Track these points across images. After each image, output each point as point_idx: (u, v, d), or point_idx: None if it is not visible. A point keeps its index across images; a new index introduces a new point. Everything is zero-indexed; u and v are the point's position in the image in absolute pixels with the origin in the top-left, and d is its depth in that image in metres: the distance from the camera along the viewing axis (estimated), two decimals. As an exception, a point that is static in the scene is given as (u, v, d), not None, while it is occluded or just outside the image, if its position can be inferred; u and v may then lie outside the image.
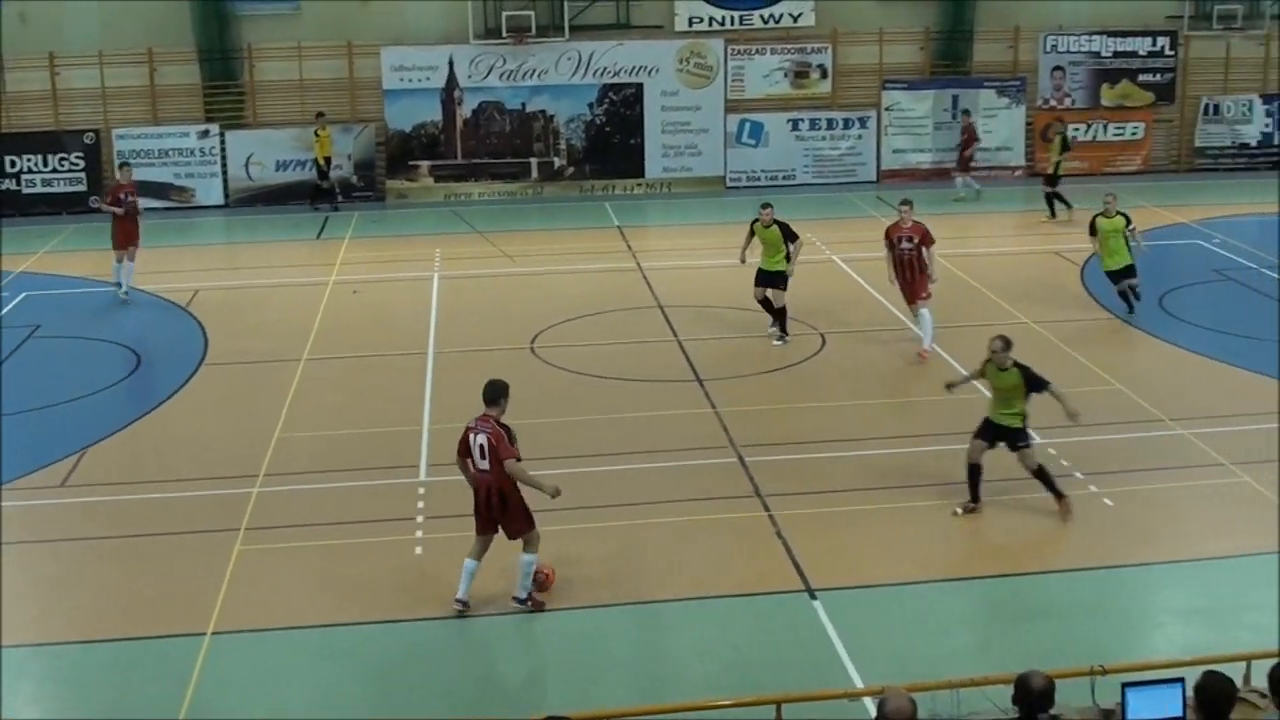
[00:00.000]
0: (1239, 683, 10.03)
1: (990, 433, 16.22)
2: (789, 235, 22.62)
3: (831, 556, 15.21)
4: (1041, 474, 16.12)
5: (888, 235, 22.16)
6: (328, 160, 33.96)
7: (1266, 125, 37.54)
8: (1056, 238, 29.80)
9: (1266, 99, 37.46)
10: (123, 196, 26.22)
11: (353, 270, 28.13)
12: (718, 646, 13.44)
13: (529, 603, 14.03)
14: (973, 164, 35.02)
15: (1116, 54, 36.81)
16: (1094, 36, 36.70)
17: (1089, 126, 36.87)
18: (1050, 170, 32.33)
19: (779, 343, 22.63)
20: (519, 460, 13.68)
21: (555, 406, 19.19)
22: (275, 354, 22.61)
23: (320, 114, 33.98)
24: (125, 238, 26.10)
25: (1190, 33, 36.89)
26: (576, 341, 22.74)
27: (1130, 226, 23.87)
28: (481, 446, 13.74)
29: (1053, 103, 36.75)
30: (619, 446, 16.11)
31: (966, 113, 35.65)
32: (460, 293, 26.34)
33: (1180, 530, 16.00)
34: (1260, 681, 9.81)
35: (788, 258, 22.55)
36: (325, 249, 30.29)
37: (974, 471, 16.28)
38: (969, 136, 35.01)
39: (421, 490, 17.07)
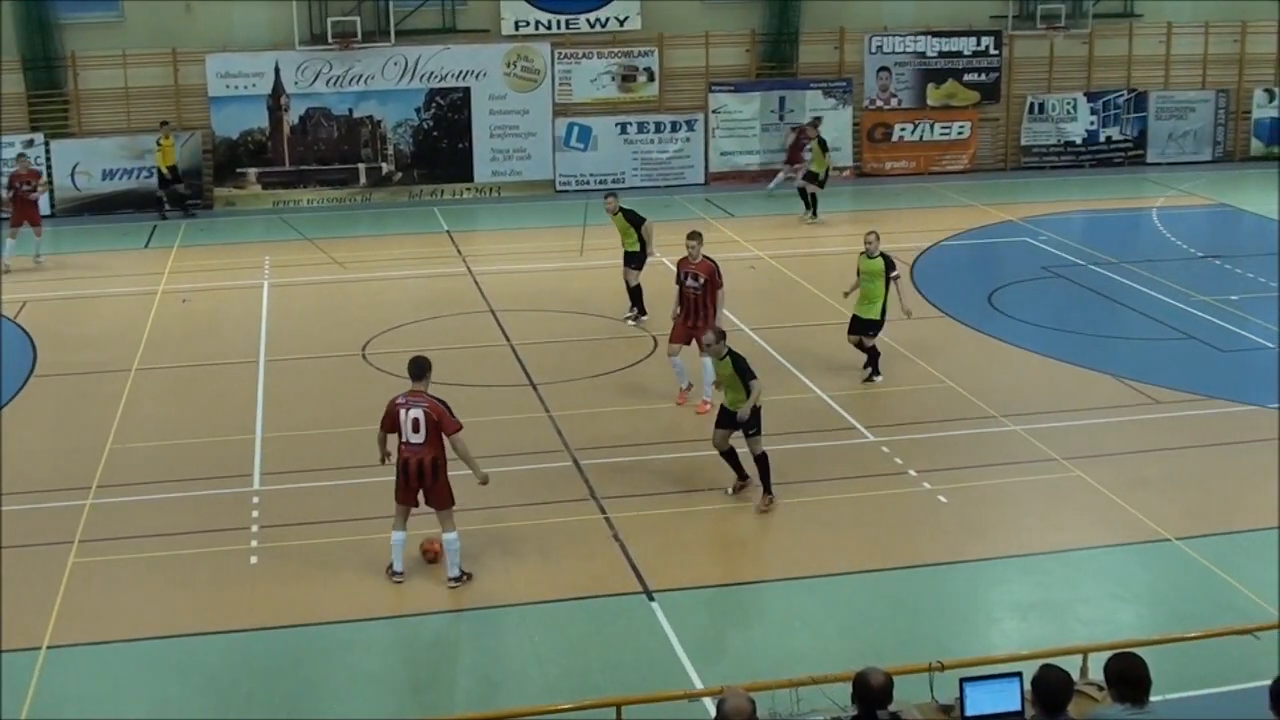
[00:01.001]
0: (1075, 675, 10.09)
1: (727, 420, 16.37)
2: (635, 221, 23.50)
3: (669, 557, 15.12)
4: (762, 462, 16.29)
5: (677, 268, 20.23)
6: (172, 169, 33.13)
7: (1091, 123, 38.32)
8: (888, 238, 29.91)
9: (1090, 97, 38.26)
10: (18, 185, 28.64)
11: (182, 279, 27.45)
12: (556, 651, 13.28)
13: (464, 578, 14.47)
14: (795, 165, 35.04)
15: (942, 54, 37.31)
16: (919, 37, 37.16)
17: (915, 126, 37.32)
18: (818, 173, 31.90)
19: (634, 324, 23.50)
20: (460, 432, 14.28)
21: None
22: (105, 365, 22.04)
23: (164, 122, 33.15)
24: (18, 218, 28.65)
25: (1014, 32, 37.54)
26: (409, 347, 21.93)
27: (893, 273, 20.66)
28: (416, 420, 14.16)
29: (879, 103, 37.12)
30: (452, 452, 15.70)
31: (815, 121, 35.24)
32: (291, 300, 25.81)
33: (1014, 525, 16.16)
34: (1096, 673, 9.88)
35: (640, 241, 23.48)
36: (154, 258, 29.51)
37: (728, 456, 16.59)
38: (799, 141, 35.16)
39: (255, 499, 16.73)
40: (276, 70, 34.06)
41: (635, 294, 23.87)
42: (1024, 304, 25.31)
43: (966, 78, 37.60)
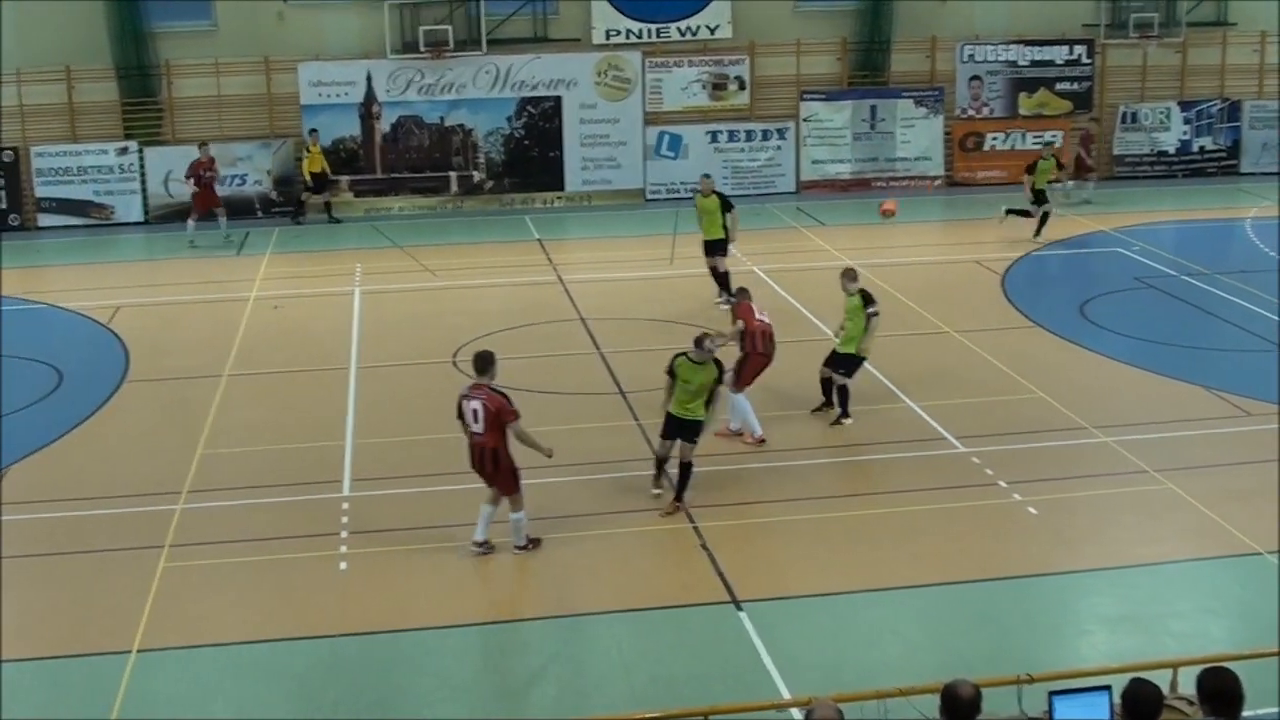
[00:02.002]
0: (1165, 690, 10.01)
1: (673, 428, 16.60)
2: (726, 205, 24.92)
3: (757, 567, 15.15)
4: (685, 471, 16.42)
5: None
6: (316, 176, 33.70)
7: (1184, 133, 37.95)
8: (979, 247, 29.89)
9: (1184, 106, 37.89)
10: (201, 173, 31.34)
11: (274, 286, 27.84)
12: (643, 660, 13.31)
13: (528, 546, 15.43)
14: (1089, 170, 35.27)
15: (1034, 63, 37.10)
16: (1011, 46, 36.97)
17: (1008, 135, 37.10)
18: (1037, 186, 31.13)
19: (725, 306, 23.60)
20: (518, 420, 15.03)
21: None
22: (197, 370, 22.33)
23: (313, 130, 33.73)
24: (202, 204, 31.60)
25: (1107, 41, 37.25)
26: (498, 355, 22.42)
27: (871, 309, 19.17)
28: (475, 411, 14.98)
29: (970, 112, 36.97)
30: (541, 460, 15.92)
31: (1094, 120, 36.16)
32: (381, 307, 26.10)
33: (1105, 537, 16.02)
34: (1187, 688, 9.80)
35: (725, 228, 24.72)
36: (246, 265, 29.96)
37: (662, 464, 16.89)
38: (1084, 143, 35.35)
39: (345, 506, 16.88)
40: (368, 79, 34.49)
41: (724, 280, 24.69)
42: (1116, 315, 25.10)
43: (1059, 86, 37.34)
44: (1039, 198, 30.64)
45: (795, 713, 11.49)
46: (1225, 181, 37.39)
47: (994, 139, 37.16)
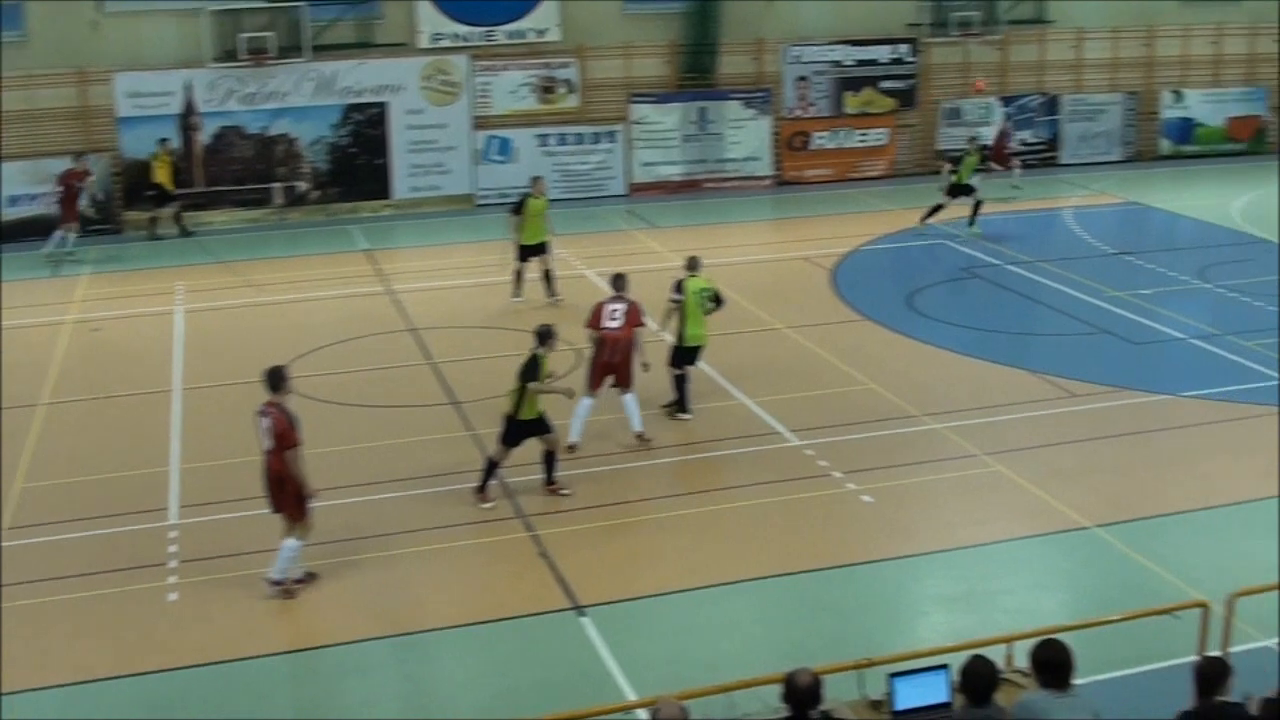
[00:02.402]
0: (1001, 664, 10.16)
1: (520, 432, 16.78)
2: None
3: (598, 572, 15.07)
4: (549, 458, 16.88)
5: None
6: (159, 186, 32.77)
7: (1005, 126, 38.63)
8: (808, 244, 30.18)
9: (1004, 101, 38.63)
10: (74, 184, 31.26)
11: (93, 308, 26.96)
12: (486, 674, 13.19)
13: (281, 585, 14.50)
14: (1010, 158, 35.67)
15: (859, 62, 37.57)
16: (836, 46, 37.39)
17: (834, 134, 37.54)
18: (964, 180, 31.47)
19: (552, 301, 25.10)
20: (296, 449, 14.36)
21: (308, 437, 18.46)
22: (14, 399, 21.39)
23: (163, 139, 32.79)
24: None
25: (930, 40, 37.86)
26: (327, 370, 22.14)
27: (714, 297, 19.60)
28: (266, 429, 14.45)
29: (797, 112, 37.33)
30: (374, 476, 15.74)
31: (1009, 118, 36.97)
32: (206, 326, 25.41)
33: (938, 521, 16.26)
34: (1022, 661, 9.95)
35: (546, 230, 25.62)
36: (63, 286, 28.98)
37: (493, 467, 16.87)
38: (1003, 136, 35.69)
39: (173, 534, 16.29)
40: (188, 89, 33.67)
41: (550, 277, 25.57)
42: (943, 305, 25.54)
43: (883, 85, 37.88)
44: (964, 190, 31.17)
45: (641, 714, 11.44)
46: (1046, 173, 38.18)
47: (821, 138, 37.57)
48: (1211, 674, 9.04)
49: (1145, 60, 39.88)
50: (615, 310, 18.49)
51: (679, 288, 19.44)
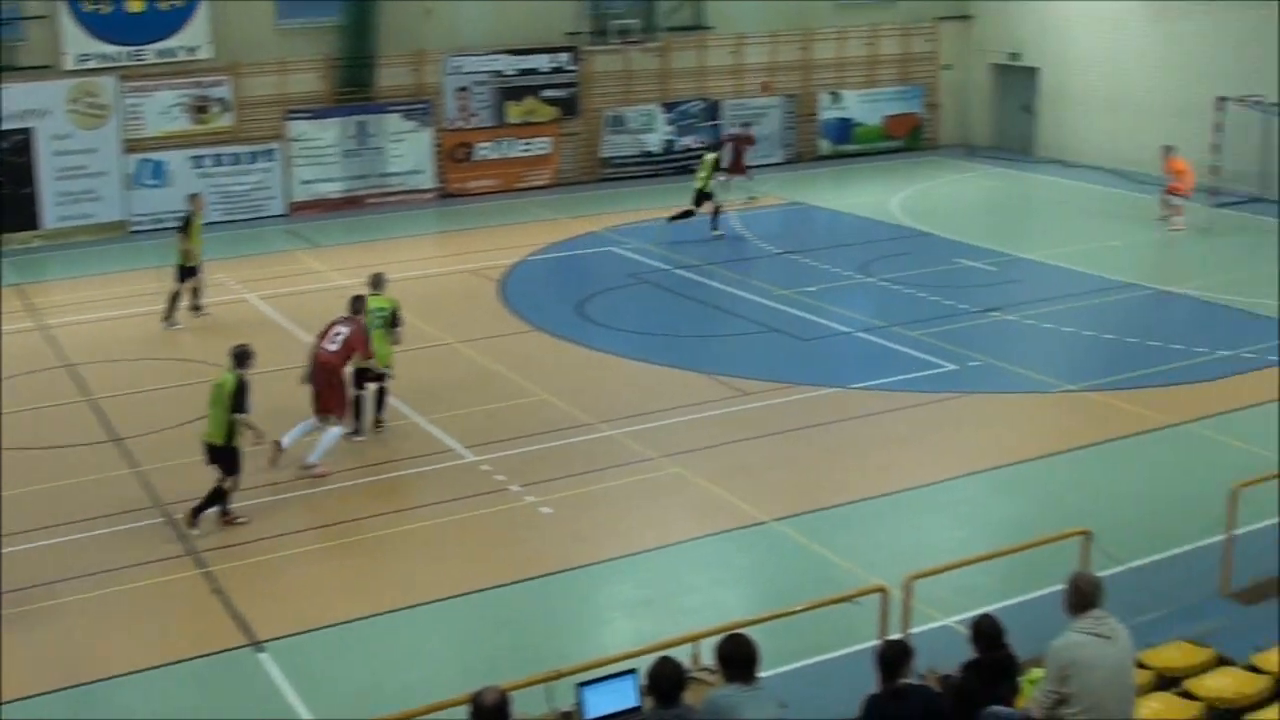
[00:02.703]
0: (688, 663, 10.18)
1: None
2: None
3: (276, 605, 14.55)
4: (219, 494, 16.24)
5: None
6: None
7: (668, 133, 39.24)
8: (475, 257, 29.98)
9: (667, 107, 39.18)
10: None
11: None
12: None
13: None
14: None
15: (520, 71, 37.54)
16: (496, 56, 37.27)
17: (497, 144, 37.43)
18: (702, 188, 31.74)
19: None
20: None
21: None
22: None
23: None
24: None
25: (590, 48, 38.11)
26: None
27: (389, 319, 19.29)
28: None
29: (459, 123, 37.10)
30: (26, 524, 14.82)
31: (746, 124, 36.54)
32: None
33: (618, 527, 16.31)
34: (709, 659, 9.99)
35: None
36: None
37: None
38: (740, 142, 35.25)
39: None
40: None
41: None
42: (613, 312, 25.69)
43: (545, 94, 37.96)
44: (706, 196, 31.43)
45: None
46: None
47: (484, 149, 37.41)
48: (893, 657, 9.22)
49: (803, 63, 41.03)
50: (338, 333, 18.06)
51: (358, 306, 18.87)
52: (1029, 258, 28.85)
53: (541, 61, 37.82)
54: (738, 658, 8.72)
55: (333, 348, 17.94)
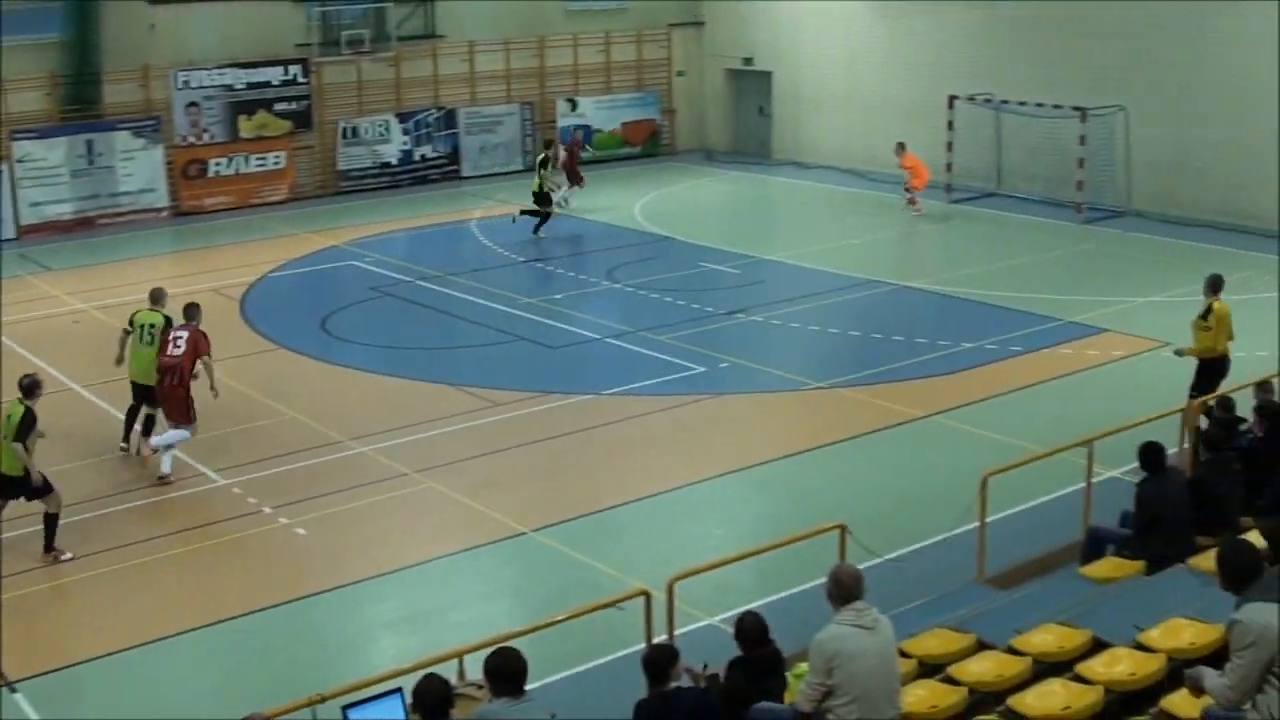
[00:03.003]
0: (455, 679, 10.04)
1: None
2: None
3: (27, 642, 13.86)
4: (47, 520, 15.75)
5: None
6: None
7: (404, 143, 38.83)
8: (214, 275, 29.17)
9: (402, 118, 38.77)
10: None
11: None
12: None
13: None
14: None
15: (250, 85, 36.69)
16: (226, 70, 36.38)
17: (231, 160, 36.54)
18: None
19: None
20: None
21: None
22: None
23: None
24: None
25: (321, 59, 37.47)
26: None
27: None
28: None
29: (191, 139, 36.11)
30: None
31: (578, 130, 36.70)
32: None
33: (376, 545, 16.03)
34: (476, 674, 9.86)
35: None
36: None
37: None
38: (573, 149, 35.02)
39: None
40: None
41: None
42: (357, 326, 25.31)
43: (278, 107, 37.20)
44: (546, 199, 31.81)
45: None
46: (448, 187, 38.64)
47: (217, 164, 36.47)
48: (659, 661, 9.22)
49: (538, 70, 41.04)
50: (179, 338, 18.20)
51: (131, 320, 18.87)
52: (772, 259, 29.36)
53: (272, 74, 37.06)
54: (505, 671, 8.60)
55: (176, 352, 18.09)
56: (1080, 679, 9.78)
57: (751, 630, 9.97)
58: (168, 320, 18.78)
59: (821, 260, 28.85)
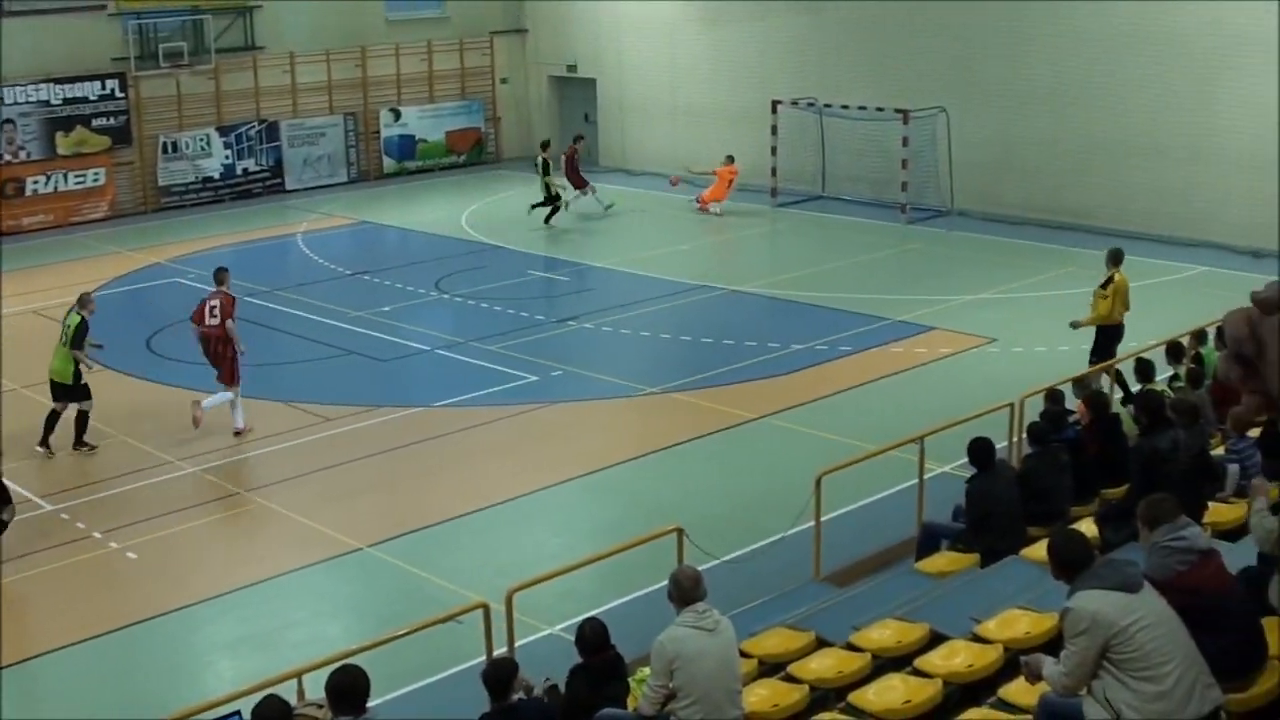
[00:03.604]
0: (294, 700, 9.93)
1: None
2: None
3: None
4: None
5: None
6: None
7: (226, 156, 38.22)
8: (35, 297, 28.43)
9: (223, 131, 38.15)
10: None
11: None
12: None
13: None
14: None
15: (67, 101, 35.81)
16: (40, 85, 35.47)
17: (49, 177, 35.64)
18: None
19: None
20: None
21: None
22: None
23: None
24: None
25: (139, 73, 36.69)
26: None
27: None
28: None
29: (7, 158, 35.15)
30: None
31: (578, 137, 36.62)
32: None
33: (210, 566, 15.83)
34: (316, 693, 9.76)
35: None
36: None
37: None
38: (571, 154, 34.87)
39: None
40: None
41: None
42: (183, 346, 24.53)
43: (95, 123, 36.35)
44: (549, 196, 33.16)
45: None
46: (272, 200, 38.10)
47: (35, 183, 35.56)
48: (499, 675, 9.23)
49: (360, 81, 40.67)
50: (213, 306, 19.90)
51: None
52: (601, 266, 29.49)
53: (89, 89, 36.21)
54: (344, 688, 8.52)
55: (214, 321, 19.83)
56: (919, 672, 9.98)
57: (592, 637, 10.02)
58: (82, 320, 19.47)
59: (651, 266, 29.04)
